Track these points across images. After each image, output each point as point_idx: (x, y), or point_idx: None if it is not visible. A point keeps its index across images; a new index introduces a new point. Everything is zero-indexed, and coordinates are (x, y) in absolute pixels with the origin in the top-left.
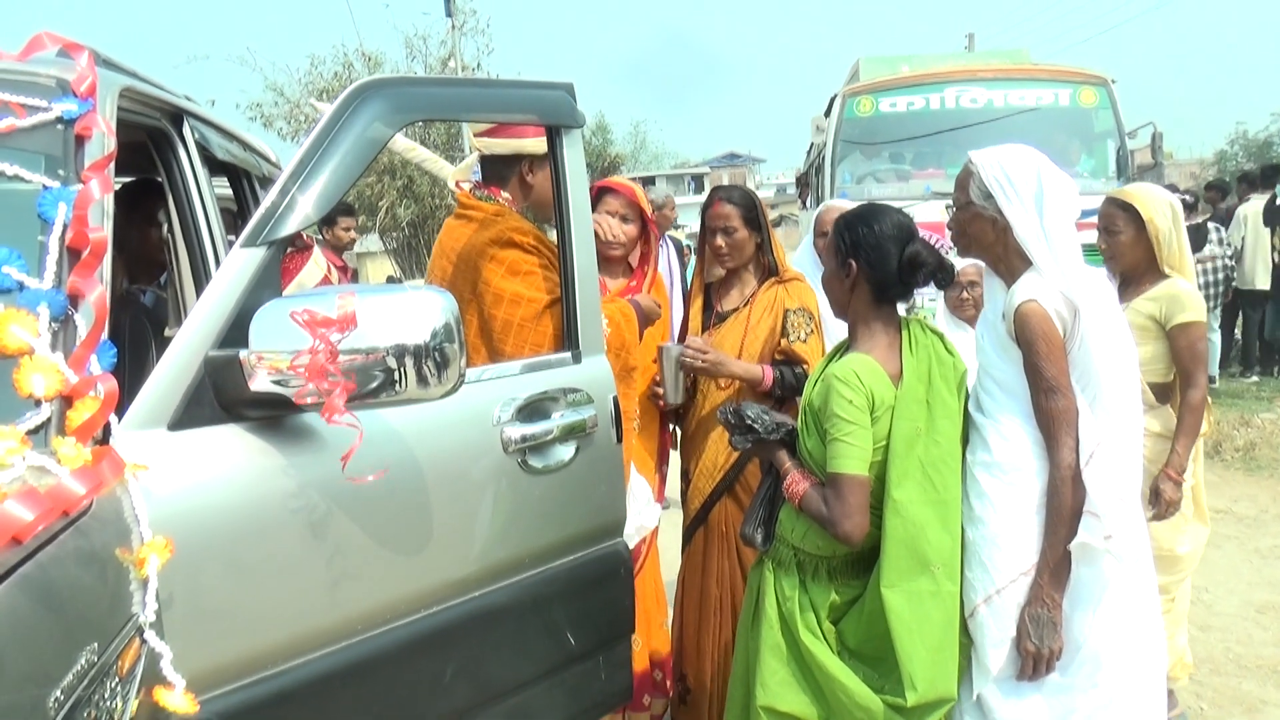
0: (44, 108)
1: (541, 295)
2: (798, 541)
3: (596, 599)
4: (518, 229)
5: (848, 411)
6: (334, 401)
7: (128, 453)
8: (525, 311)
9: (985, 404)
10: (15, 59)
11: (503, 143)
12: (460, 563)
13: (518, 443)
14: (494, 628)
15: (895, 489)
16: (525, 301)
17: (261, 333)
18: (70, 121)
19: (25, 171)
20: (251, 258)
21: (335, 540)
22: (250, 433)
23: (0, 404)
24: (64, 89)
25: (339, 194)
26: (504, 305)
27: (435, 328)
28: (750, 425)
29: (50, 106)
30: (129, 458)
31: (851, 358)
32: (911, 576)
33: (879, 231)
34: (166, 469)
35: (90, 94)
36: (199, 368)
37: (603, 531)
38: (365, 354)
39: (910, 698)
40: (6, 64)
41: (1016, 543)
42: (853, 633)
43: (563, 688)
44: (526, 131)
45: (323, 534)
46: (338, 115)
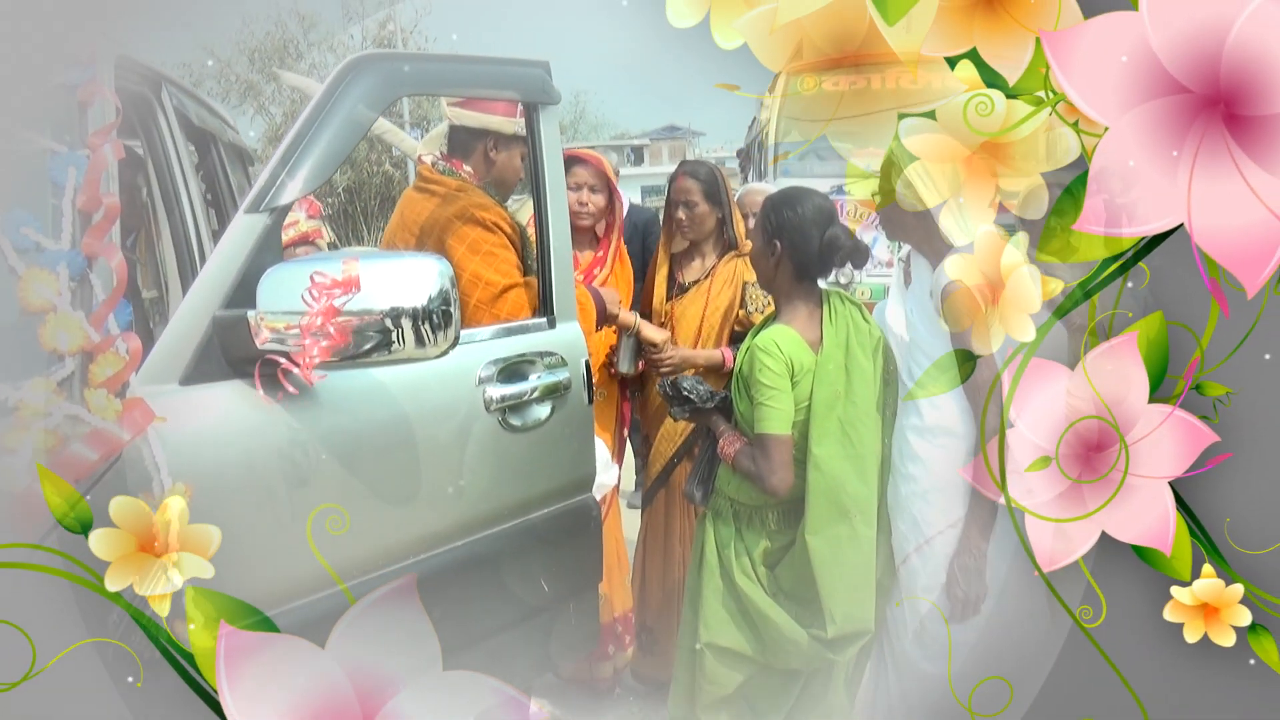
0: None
1: (498, 279)
2: (733, 493)
3: (568, 549)
4: (480, 205)
5: (769, 378)
6: (307, 359)
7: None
8: (482, 294)
9: (916, 373)
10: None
11: (473, 115)
12: (445, 513)
13: (498, 402)
14: (476, 575)
15: (816, 446)
16: (483, 284)
17: (269, 294)
18: (73, 88)
19: (36, 136)
20: (255, 223)
21: (329, 491)
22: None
23: (24, 359)
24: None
25: (335, 165)
26: (463, 284)
27: (432, 292)
28: (687, 396)
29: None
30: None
31: (773, 329)
32: (832, 523)
33: (802, 215)
34: (180, 421)
35: (91, 61)
36: (207, 327)
37: (574, 486)
38: (365, 315)
39: (830, 630)
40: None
41: (944, 498)
42: (786, 576)
43: (538, 631)
44: (495, 109)
45: (318, 484)
46: (332, 89)
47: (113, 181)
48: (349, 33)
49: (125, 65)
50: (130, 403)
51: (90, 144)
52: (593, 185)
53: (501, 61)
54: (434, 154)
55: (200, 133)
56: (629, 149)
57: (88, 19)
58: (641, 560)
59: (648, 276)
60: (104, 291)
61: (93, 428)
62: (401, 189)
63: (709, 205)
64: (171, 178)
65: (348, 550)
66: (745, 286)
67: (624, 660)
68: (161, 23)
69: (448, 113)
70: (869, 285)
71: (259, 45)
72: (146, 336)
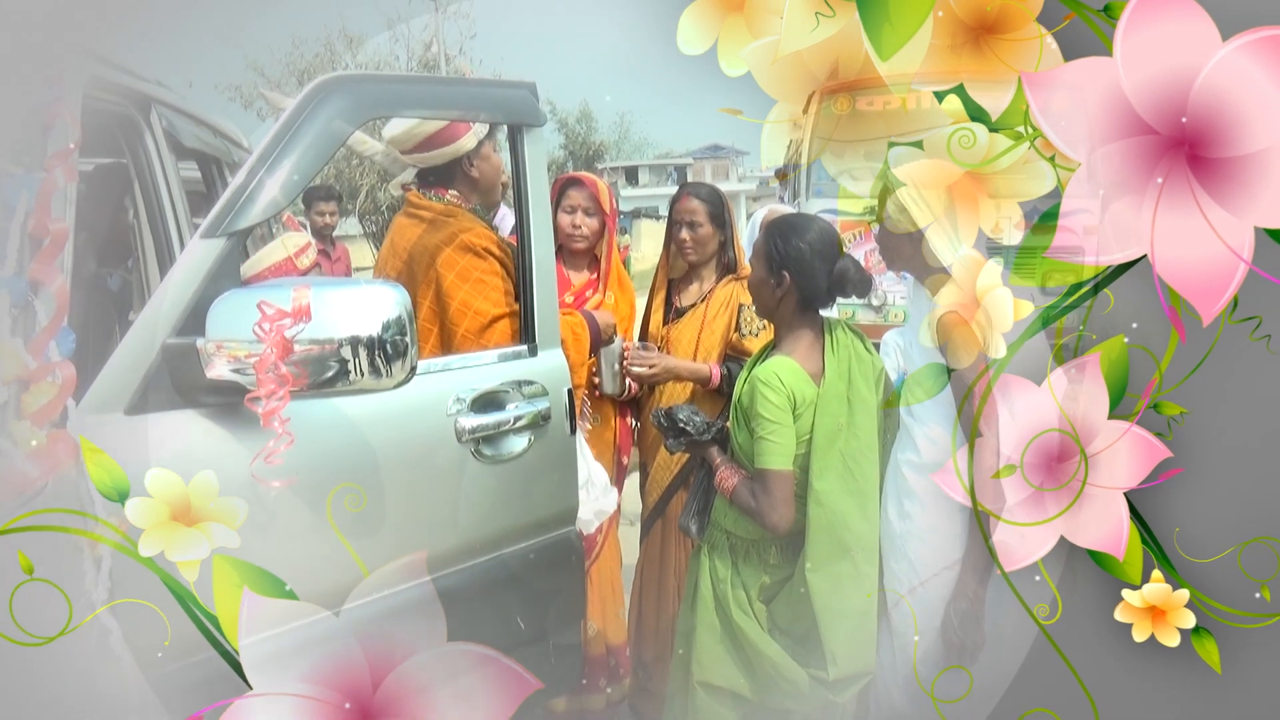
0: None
1: (488, 308)
2: (731, 526)
3: (547, 585)
4: (470, 229)
5: (771, 412)
6: (271, 405)
7: (86, 435)
8: (470, 324)
9: (914, 408)
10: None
11: (439, 153)
12: (414, 548)
13: (470, 433)
14: (446, 611)
15: (817, 480)
16: (472, 313)
17: (218, 321)
18: (37, 110)
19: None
20: (211, 248)
21: (287, 526)
22: (205, 418)
23: None
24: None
25: (299, 189)
26: (451, 311)
27: (387, 319)
28: (683, 428)
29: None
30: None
31: (774, 360)
32: (833, 560)
33: (810, 246)
34: (122, 452)
35: (57, 82)
36: (157, 354)
37: (554, 520)
38: (321, 344)
39: (832, 671)
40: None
41: (941, 539)
42: (783, 613)
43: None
44: (454, 133)
45: (274, 519)
46: (298, 111)
47: (69, 204)
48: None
49: (107, 86)
50: (54, 436)
51: (46, 166)
52: (587, 208)
53: (484, 83)
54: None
55: (199, 154)
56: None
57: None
58: (638, 593)
59: (647, 301)
60: (46, 318)
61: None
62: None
63: (713, 227)
64: (158, 199)
65: (305, 588)
66: (740, 309)
67: (619, 693)
68: (212, 42)
69: (410, 160)
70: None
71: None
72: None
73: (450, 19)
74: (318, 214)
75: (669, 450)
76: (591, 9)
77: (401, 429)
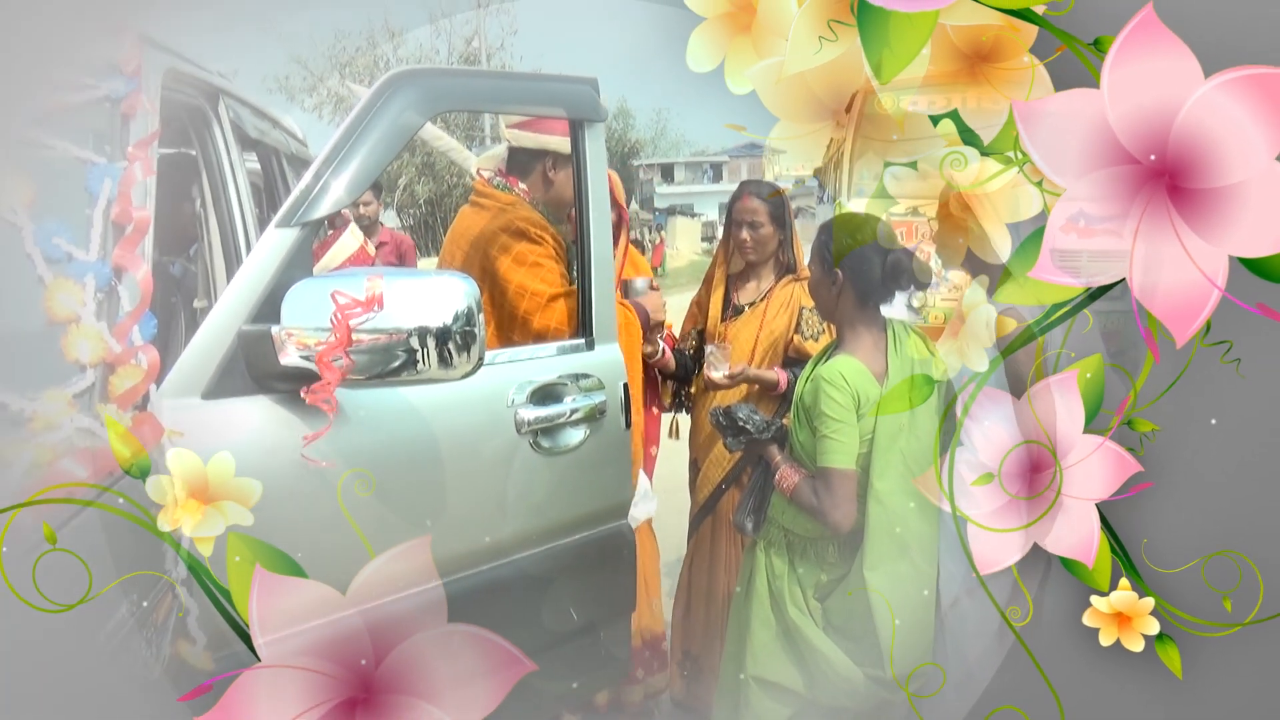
0: (92, 85)
1: (545, 289)
2: (788, 524)
3: (600, 577)
4: (527, 219)
5: (835, 411)
6: (323, 385)
7: (164, 419)
8: (529, 305)
9: (971, 406)
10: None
11: (531, 136)
12: (471, 537)
13: (530, 424)
14: (500, 600)
15: (878, 480)
16: (529, 295)
17: (293, 310)
18: (117, 100)
19: (73, 147)
20: (285, 237)
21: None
22: (278, 404)
23: (48, 369)
24: (111, 68)
25: (369, 179)
26: (509, 295)
27: (458, 311)
28: (743, 426)
29: (98, 85)
30: (166, 424)
31: (839, 360)
32: (891, 559)
33: (861, 240)
34: (199, 436)
35: (136, 74)
36: (232, 341)
37: (608, 513)
38: (390, 334)
39: (888, 670)
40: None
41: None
42: (838, 611)
43: (563, 660)
44: (555, 129)
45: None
46: (371, 103)
47: (149, 195)
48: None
49: (180, 78)
50: (140, 418)
51: (129, 156)
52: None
53: (548, 78)
54: (491, 170)
55: (261, 145)
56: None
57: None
58: (686, 587)
59: (701, 296)
60: (130, 304)
61: (90, 448)
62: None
63: (773, 227)
64: (225, 188)
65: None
66: (802, 311)
67: (655, 685)
68: (254, 33)
69: (506, 134)
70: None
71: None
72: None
73: (493, 14)
74: (362, 204)
75: (728, 449)
76: (631, 7)
77: (464, 419)
